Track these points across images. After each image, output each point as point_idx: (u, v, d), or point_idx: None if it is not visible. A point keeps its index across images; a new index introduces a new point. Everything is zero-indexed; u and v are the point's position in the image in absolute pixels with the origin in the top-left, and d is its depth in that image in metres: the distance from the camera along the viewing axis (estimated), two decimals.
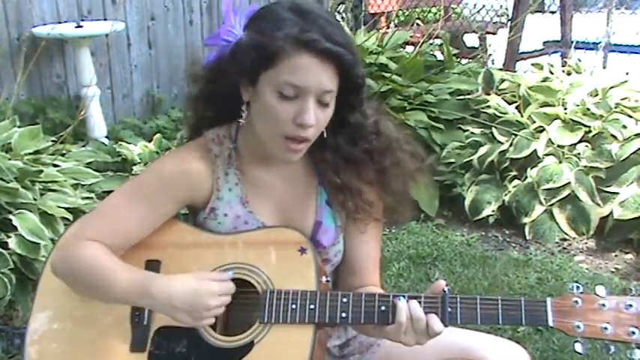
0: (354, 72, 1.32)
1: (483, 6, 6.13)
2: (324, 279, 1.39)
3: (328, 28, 1.29)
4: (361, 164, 1.44)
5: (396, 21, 6.05)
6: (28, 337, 1.45)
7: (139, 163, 3.61)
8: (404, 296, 1.32)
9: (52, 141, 3.28)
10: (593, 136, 3.52)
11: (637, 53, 5.11)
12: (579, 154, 3.47)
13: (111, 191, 1.52)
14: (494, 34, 5.92)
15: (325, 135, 1.40)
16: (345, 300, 1.35)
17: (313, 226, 1.48)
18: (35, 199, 2.72)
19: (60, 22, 4.43)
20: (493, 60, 5.45)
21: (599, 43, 5.08)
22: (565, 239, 3.39)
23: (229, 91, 1.38)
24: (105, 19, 4.67)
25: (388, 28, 5.54)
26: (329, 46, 1.27)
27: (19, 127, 3.21)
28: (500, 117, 3.76)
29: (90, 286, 1.38)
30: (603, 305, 1.27)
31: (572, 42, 4.84)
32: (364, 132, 1.43)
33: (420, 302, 1.31)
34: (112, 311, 1.42)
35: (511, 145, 3.58)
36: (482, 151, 3.65)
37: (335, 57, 1.28)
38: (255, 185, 1.48)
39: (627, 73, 4.05)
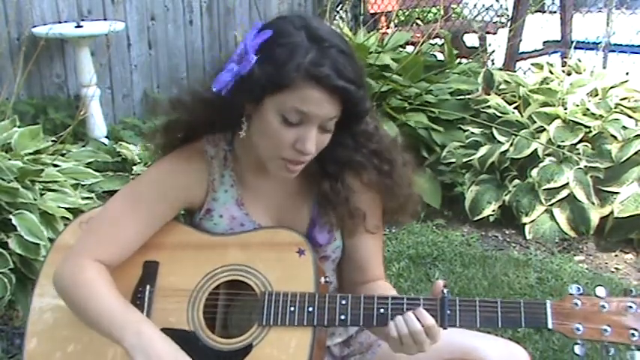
0: (361, 107, 1.32)
1: (483, 5, 6.12)
2: (322, 279, 1.39)
3: (340, 61, 1.27)
4: (363, 168, 1.44)
5: (396, 21, 6.05)
6: (27, 338, 1.45)
7: (139, 163, 3.61)
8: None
9: (52, 141, 3.28)
10: (593, 136, 3.52)
11: (637, 53, 5.11)
12: (579, 154, 3.47)
13: (111, 191, 1.53)
14: (494, 34, 5.92)
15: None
16: (343, 302, 1.35)
17: (308, 225, 1.48)
18: (35, 199, 2.71)
19: (60, 22, 4.44)
20: (493, 60, 5.45)
21: (599, 43, 5.08)
22: (565, 239, 3.38)
23: (231, 106, 1.35)
24: (105, 19, 4.67)
25: (388, 27, 5.54)
26: (340, 84, 1.26)
27: (19, 127, 3.21)
28: (500, 117, 3.76)
29: (82, 312, 1.37)
30: (603, 307, 1.27)
31: (572, 42, 4.84)
32: (369, 135, 1.43)
33: (418, 305, 1.32)
34: None
35: (511, 145, 3.58)
36: (482, 151, 3.65)
37: (344, 93, 1.28)
38: (250, 187, 1.48)
39: (627, 73, 4.05)
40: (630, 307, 1.26)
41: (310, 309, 1.35)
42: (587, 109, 3.63)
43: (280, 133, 1.30)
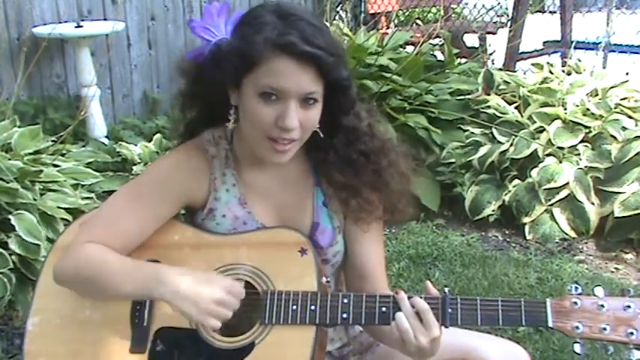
0: (337, 74, 1.32)
1: (483, 6, 6.13)
2: (324, 280, 1.39)
3: (308, 31, 1.28)
4: (358, 165, 1.45)
5: (396, 21, 6.05)
6: (27, 338, 1.45)
7: (139, 163, 3.62)
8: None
9: (52, 141, 3.28)
10: (593, 136, 3.53)
11: (637, 53, 5.11)
12: (579, 154, 3.47)
13: (111, 191, 1.53)
14: (494, 34, 5.92)
15: (322, 136, 1.40)
16: (345, 301, 1.35)
17: (310, 227, 1.48)
18: (35, 199, 2.72)
19: (60, 22, 4.44)
20: (493, 60, 5.45)
21: (599, 43, 5.08)
22: (565, 239, 3.39)
23: (217, 94, 1.38)
24: (105, 19, 4.68)
25: (388, 28, 5.54)
26: (307, 49, 1.26)
27: (19, 127, 3.21)
28: (500, 117, 3.76)
29: (96, 283, 1.38)
30: (602, 306, 1.28)
31: (572, 42, 4.84)
32: (358, 134, 1.44)
33: None
34: (111, 312, 1.42)
35: (511, 145, 3.58)
36: (482, 151, 3.65)
37: (314, 60, 1.28)
38: (252, 186, 1.48)
39: (627, 73, 4.05)
40: (629, 306, 1.27)
41: (312, 307, 1.35)
42: (587, 110, 3.63)
43: (261, 112, 1.31)
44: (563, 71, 4.11)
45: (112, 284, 1.36)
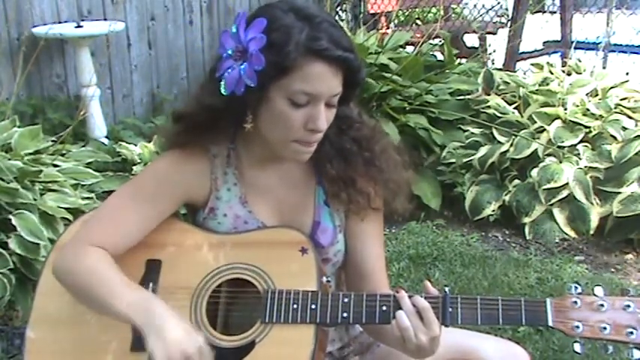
0: (360, 74, 1.34)
1: (483, 6, 6.13)
2: (324, 279, 1.39)
3: (334, 33, 1.29)
4: (351, 155, 1.45)
5: (396, 21, 6.05)
6: (28, 337, 1.45)
7: (139, 163, 3.61)
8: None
9: (52, 141, 3.28)
10: (593, 136, 3.53)
11: (637, 53, 5.11)
12: (579, 154, 3.47)
13: (111, 191, 1.53)
14: (494, 34, 5.92)
15: None
16: (346, 300, 1.35)
17: (312, 226, 1.48)
18: (35, 199, 2.71)
19: (60, 22, 4.43)
20: (493, 60, 5.45)
21: (599, 43, 5.08)
22: (565, 239, 3.39)
23: (235, 102, 1.35)
24: (105, 19, 4.67)
25: (388, 28, 5.54)
26: (339, 54, 1.28)
27: (19, 127, 3.21)
28: (500, 117, 3.76)
29: (89, 296, 1.37)
30: (602, 305, 1.28)
31: (572, 42, 4.84)
32: (351, 121, 1.45)
33: None
34: None
35: (511, 145, 3.58)
36: (482, 151, 3.65)
37: (345, 63, 1.30)
38: (253, 186, 1.48)
39: (627, 73, 4.05)
40: (628, 305, 1.27)
41: (313, 306, 1.35)
42: (587, 110, 3.64)
43: (290, 116, 1.31)
44: (563, 71, 4.11)
45: (101, 299, 1.34)
